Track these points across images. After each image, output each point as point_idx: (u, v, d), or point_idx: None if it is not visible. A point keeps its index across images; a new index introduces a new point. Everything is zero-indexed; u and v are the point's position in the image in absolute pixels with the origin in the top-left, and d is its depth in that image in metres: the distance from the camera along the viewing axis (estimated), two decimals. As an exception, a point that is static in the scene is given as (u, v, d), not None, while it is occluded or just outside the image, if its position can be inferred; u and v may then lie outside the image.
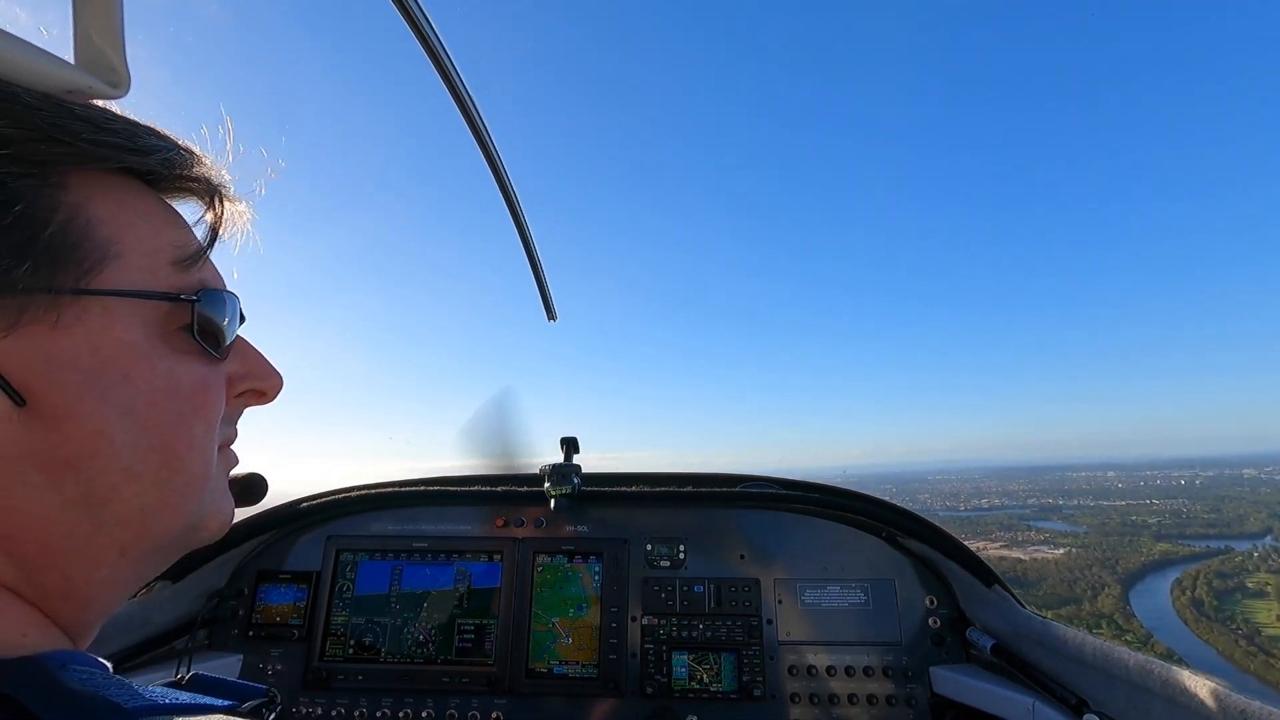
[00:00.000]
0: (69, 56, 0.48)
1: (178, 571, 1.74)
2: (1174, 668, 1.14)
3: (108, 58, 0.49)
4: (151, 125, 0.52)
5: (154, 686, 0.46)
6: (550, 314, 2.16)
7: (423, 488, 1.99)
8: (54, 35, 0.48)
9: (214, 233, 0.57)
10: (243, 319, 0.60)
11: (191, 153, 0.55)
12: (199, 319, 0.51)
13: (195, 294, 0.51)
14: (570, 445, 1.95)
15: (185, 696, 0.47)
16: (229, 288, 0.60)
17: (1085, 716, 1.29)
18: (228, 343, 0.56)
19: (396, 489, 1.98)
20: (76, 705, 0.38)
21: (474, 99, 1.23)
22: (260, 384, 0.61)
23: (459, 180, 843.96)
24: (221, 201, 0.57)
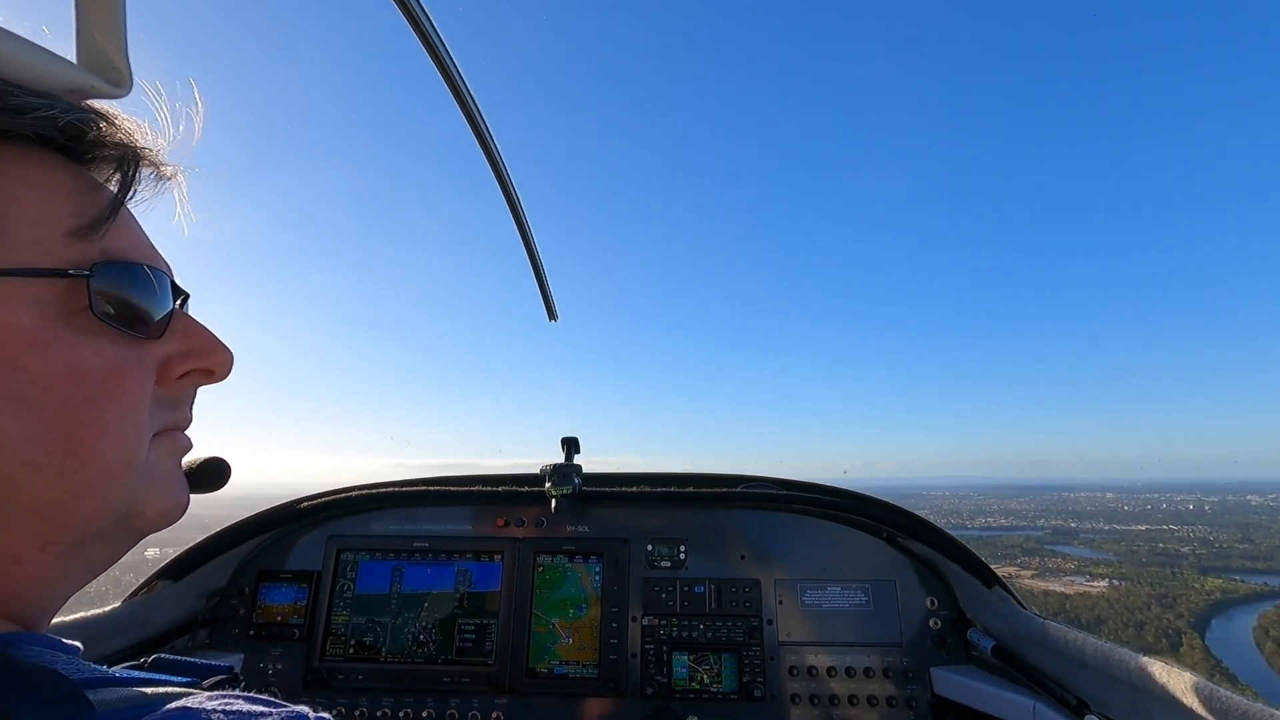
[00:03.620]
0: (71, 55, 0.48)
1: (178, 570, 1.75)
2: (1175, 670, 1.13)
3: (110, 57, 0.49)
4: (76, 94, 0.48)
5: (114, 668, 0.46)
6: (551, 314, 2.16)
7: (423, 487, 1.99)
8: (56, 34, 0.48)
9: (119, 197, 0.50)
10: (181, 294, 0.56)
11: (100, 115, 0.50)
12: (104, 295, 0.47)
13: (89, 268, 0.46)
14: (571, 445, 1.95)
15: (141, 674, 0.46)
16: (165, 259, 0.55)
17: (1086, 718, 1.29)
18: (155, 319, 0.51)
19: (397, 488, 1.98)
20: (19, 676, 0.38)
21: (475, 98, 1.23)
22: (205, 362, 0.55)
23: (460, 180, 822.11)
24: (135, 165, 0.52)
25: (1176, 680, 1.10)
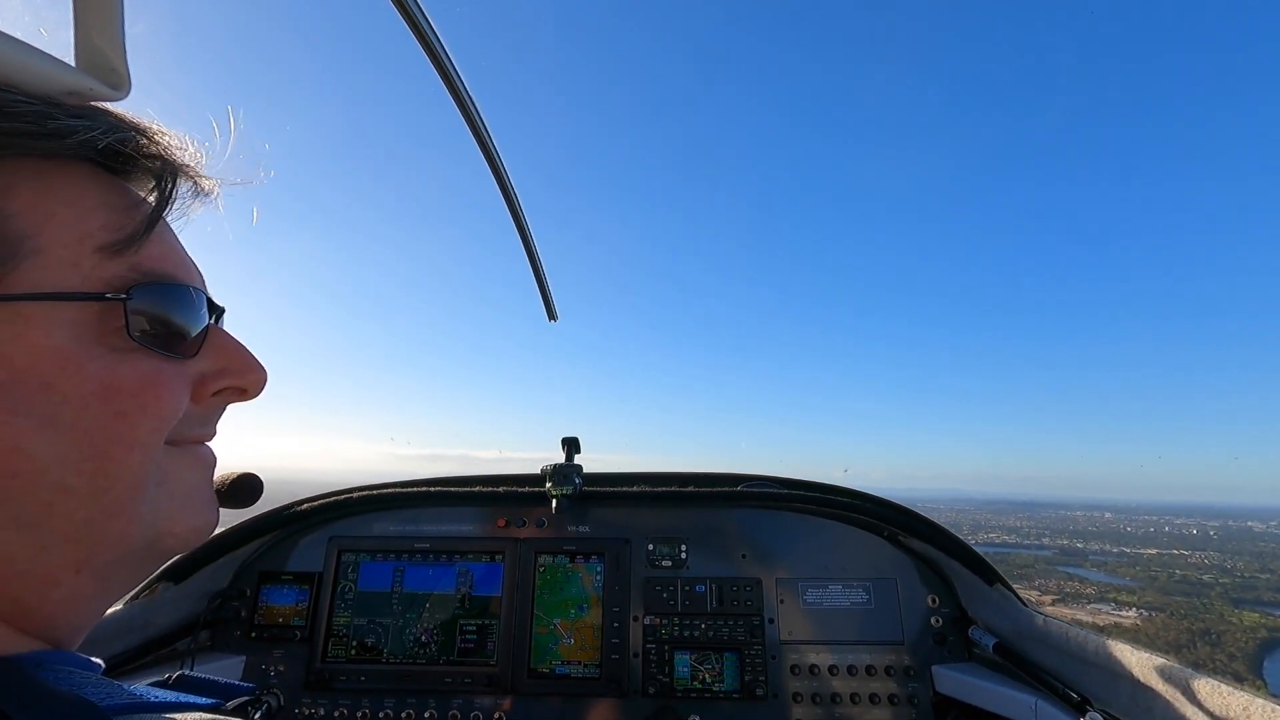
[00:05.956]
0: (69, 58, 0.48)
1: (180, 573, 1.75)
2: (1176, 665, 1.13)
3: (108, 59, 0.49)
4: (107, 108, 0.49)
5: (138, 686, 0.46)
6: (551, 314, 2.16)
7: (424, 488, 1.99)
8: (54, 37, 0.48)
9: (155, 213, 0.50)
10: (217, 310, 0.56)
11: (140, 130, 0.50)
12: (140, 315, 0.47)
13: (126, 290, 0.46)
14: (571, 445, 1.95)
15: (168, 695, 0.47)
16: (201, 274, 0.55)
17: (1088, 714, 1.29)
18: (191, 338, 0.51)
19: (398, 489, 1.98)
20: (50, 704, 0.38)
21: (474, 98, 1.23)
22: (239, 380, 0.56)
23: (459, 180, 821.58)
24: (173, 180, 0.52)
25: (1178, 676, 1.11)
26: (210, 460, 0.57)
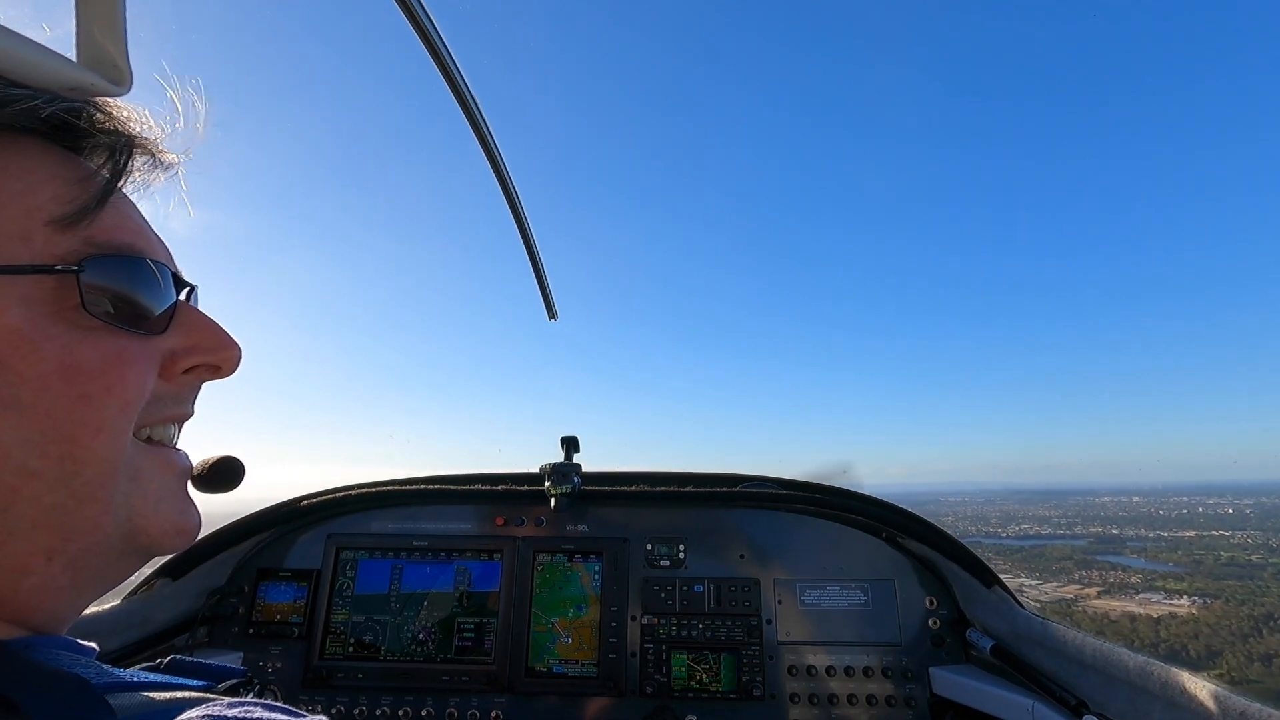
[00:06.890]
0: (71, 54, 0.48)
1: (178, 569, 1.75)
2: (1174, 669, 1.14)
3: (110, 55, 0.49)
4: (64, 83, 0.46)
5: (130, 669, 0.46)
6: (551, 313, 2.16)
7: (423, 486, 1.99)
8: (56, 32, 0.48)
9: (110, 185, 0.48)
10: (185, 286, 0.54)
11: (91, 103, 0.48)
12: (97, 290, 0.45)
13: (79, 262, 0.44)
14: (570, 444, 1.95)
15: (158, 677, 0.47)
16: (168, 250, 0.54)
17: (1085, 718, 1.29)
18: (156, 314, 0.49)
19: (397, 487, 1.98)
20: (41, 681, 0.38)
21: (475, 96, 1.23)
22: (212, 358, 0.54)
23: (460, 181, 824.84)
24: (128, 152, 0.50)
25: (1175, 679, 1.11)
26: (184, 467, 0.55)
